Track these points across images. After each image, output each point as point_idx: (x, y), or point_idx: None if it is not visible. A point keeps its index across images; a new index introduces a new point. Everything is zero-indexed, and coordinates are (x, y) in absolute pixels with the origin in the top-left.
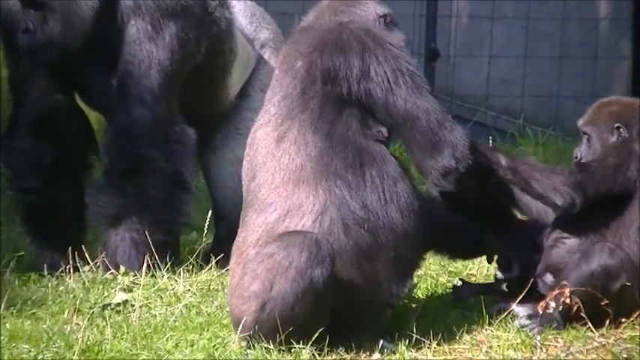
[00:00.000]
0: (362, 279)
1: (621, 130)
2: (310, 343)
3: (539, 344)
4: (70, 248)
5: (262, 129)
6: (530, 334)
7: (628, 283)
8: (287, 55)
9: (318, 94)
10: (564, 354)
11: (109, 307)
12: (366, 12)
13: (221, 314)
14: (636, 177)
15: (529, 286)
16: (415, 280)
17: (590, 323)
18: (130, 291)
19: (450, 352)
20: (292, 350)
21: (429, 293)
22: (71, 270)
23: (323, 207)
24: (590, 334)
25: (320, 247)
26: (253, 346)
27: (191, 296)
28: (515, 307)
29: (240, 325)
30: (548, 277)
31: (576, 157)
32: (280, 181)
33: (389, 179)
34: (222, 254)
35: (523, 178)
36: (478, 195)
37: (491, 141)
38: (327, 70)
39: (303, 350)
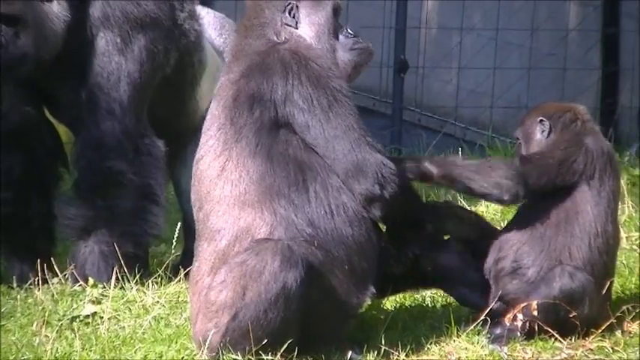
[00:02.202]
0: (318, 295)
1: (544, 122)
2: (279, 353)
3: (506, 356)
4: (39, 260)
5: (203, 159)
6: (497, 349)
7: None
8: (221, 85)
9: (250, 121)
10: None
11: (77, 319)
12: (274, 30)
13: (190, 326)
14: (582, 171)
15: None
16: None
17: (557, 335)
18: (99, 303)
19: None
20: None
21: (398, 304)
22: (40, 282)
23: (270, 229)
24: (558, 344)
25: (292, 251)
26: (223, 353)
27: (160, 308)
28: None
29: (207, 342)
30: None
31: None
32: (226, 208)
33: (333, 191)
34: (191, 266)
35: (461, 182)
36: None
37: (460, 152)
38: (252, 95)
39: None
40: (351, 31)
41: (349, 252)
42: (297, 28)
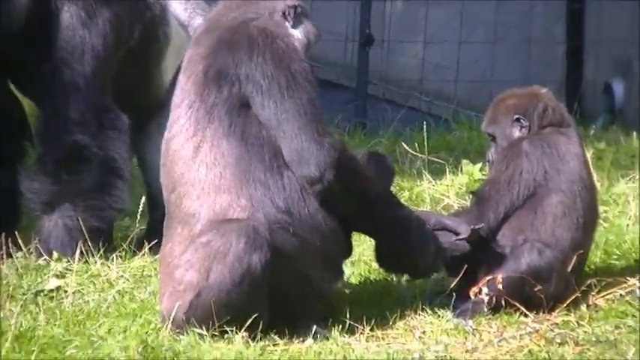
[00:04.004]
0: (292, 279)
1: (522, 120)
2: (243, 329)
3: (471, 330)
4: (3, 234)
5: (175, 139)
6: (462, 322)
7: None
8: (189, 60)
9: (220, 100)
10: (497, 339)
11: (42, 294)
12: (274, 4)
13: (154, 300)
14: (534, 176)
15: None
16: (348, 266)
17: (523, 308)
18: (63, 277)
19: (383, 338)
20: (225, 336)
21: (363, 279)
22: (4, 256)
23: (246, 214)
24: (523, 319)
25: (258, 233)
26: (186, 332)
27: (124, 282)
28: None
29: (171, 317)
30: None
31: (488, 161)
32: (201, 192)
33: None
34: (156, 240)
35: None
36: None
37: (425, 126)
38: (220, 72)
39: (236, 336)
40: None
41: (323, 238)
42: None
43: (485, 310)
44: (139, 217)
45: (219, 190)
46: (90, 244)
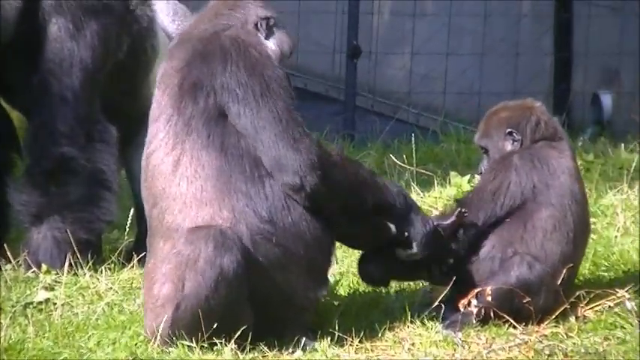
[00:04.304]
0: (275, 290)
1: (514, 134)
2: (232, 340)
3: (460, 342)
4: None
5: (155, 154)
6: (451, 334)
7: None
8: (164, 74)
9: (197, 112)
10: (486, 351)
11: (31, 306)
12: (245, 15)
13: (143, 312)
14: (522, 189)
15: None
16: (337, 277)
17: (512, 320)
18: (52, 289)
19: (372, 350)
20: (214, 348)
21: (352, 290)
22: None
23: (229, 226)
24: (512, 330)
25: (225, 236)
26: (175, 344)
27: (113, 294)
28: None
29: (157, 334)
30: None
31: (480, 173)
32: (183, 206)
33: None
34: (144, 252)
35: None
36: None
37: (413, 138)
38: (195, 84)
39: (225, 348)
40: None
41: (307, 247)
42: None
43: (474, 321)
44: (127, 229)
45: (201, 203)
46: (79, 257)
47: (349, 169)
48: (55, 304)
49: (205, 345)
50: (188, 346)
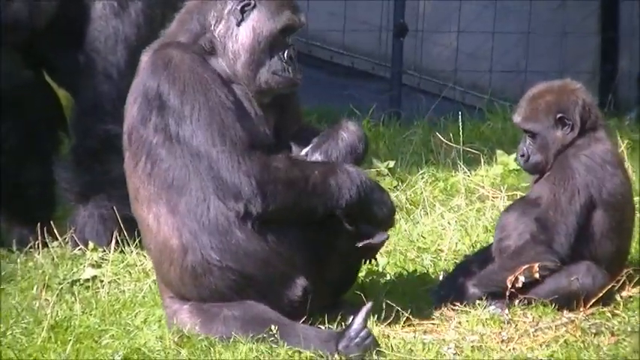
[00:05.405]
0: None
1: (565, 120)
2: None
3: (507, 319)
4: (38, 224)
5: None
6: (498, 312)
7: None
8: (134, 82)
9: (149, 132)
10: (533, 329)
11: (77, 283)
12: (204, 17)
13: None
14: (589, 192)
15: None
16: (384, 256)
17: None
18: (99, 267)
19: (418, 328)
20: None
21: (398, 269)
22: (40, 246)
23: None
24: (558, 309)
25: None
26: None
27: None
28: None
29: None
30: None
31: (522, 155)
32: (146, 229)
33: None
34: None
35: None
36: None
37: (459, 116)
38: (147, 99)
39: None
40: (288, 56)
41: (265, 262)
42: (238, 25)
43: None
44: None
45: (159, 225)
46: (125, 234)
47: (297, 182)
48: (101, 281)
49: None
50: None
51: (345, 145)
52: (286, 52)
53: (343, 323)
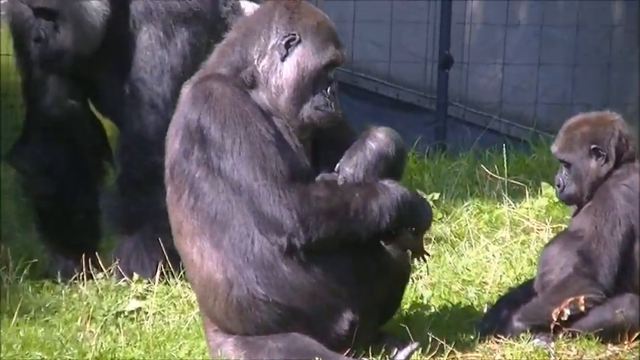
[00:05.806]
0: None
1: (599, 151)
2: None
3: (552, 352)
4: (83, 255)
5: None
6: (543, 345)
7: None
8: (176, 115)
9: (192, 166)
10: None
11: (122, 315)
12: (246, 50)
13: None
14: (630, 222)
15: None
16: (428, 288)
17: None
18: (144, 298)
19: None
20: None
21: (443, 301)
22: (84, 277)
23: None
24: (602, 343)
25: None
26: None
27: None
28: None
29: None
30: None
31: (559, 186)
32: (190, 264)
33: None
34: None
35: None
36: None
37: (504, 148)
38: (189, 133)
39: None
40: (331, 91)
41: (311, 295)
42: (282, 60)
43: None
44: None
45: (203, 259)
46: (170, 265)
47: (338, 210)
48: (146, 313)
49: None
50: None
51: (374, 155)
52: (329, 88)
53: (387, 356)
